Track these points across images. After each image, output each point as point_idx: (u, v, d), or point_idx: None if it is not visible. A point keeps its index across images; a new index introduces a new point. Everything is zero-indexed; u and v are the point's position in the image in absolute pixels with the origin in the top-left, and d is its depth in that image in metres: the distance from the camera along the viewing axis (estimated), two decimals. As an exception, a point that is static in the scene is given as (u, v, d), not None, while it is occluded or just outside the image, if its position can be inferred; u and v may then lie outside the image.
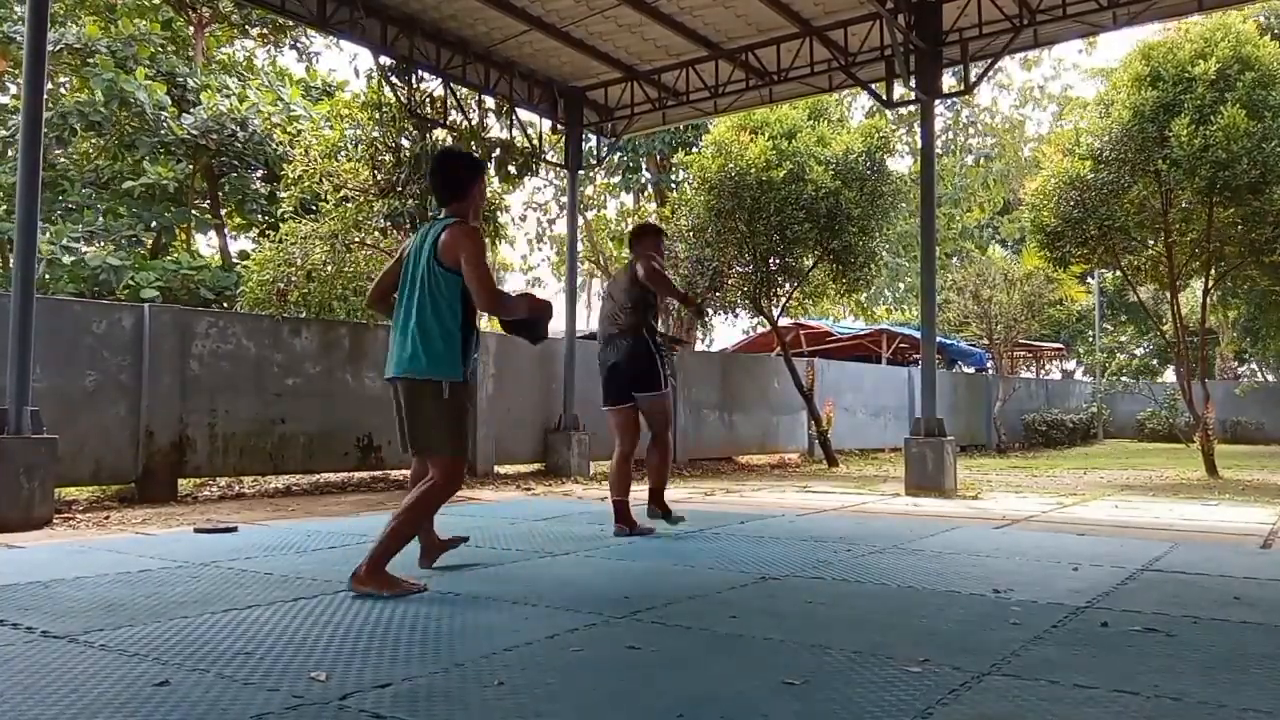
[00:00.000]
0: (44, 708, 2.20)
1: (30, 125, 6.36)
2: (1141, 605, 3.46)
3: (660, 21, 9.61)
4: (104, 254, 12.62)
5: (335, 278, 10.07)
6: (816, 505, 7.61)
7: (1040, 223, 11.98)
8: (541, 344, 5.57)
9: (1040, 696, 2.34)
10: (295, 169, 10.19)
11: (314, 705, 2.25)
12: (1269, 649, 2.83)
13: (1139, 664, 2.65)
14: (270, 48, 20.38)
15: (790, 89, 11.00)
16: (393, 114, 9.63)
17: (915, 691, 2.37)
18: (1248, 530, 5.99)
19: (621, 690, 2.42)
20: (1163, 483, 10.72)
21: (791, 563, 4.45)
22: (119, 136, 14.31)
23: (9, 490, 5.96)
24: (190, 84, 15.19)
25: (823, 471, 12.99)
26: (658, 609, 3.37)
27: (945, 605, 3.47)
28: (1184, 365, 12.47)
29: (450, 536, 4.44)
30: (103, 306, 8.19)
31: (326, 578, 3.97)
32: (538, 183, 22.33)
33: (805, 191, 12.69)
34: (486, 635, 2.96)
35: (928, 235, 9.32)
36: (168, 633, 2.96)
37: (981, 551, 4.86)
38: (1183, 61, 10.91)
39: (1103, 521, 6.45)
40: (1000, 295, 18.92)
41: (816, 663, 2.64)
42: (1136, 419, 24.46)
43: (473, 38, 10.01)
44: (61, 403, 7.33)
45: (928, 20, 9.04)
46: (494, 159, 10.04)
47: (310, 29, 15.67)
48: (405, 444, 3.93)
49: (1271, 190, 10.40)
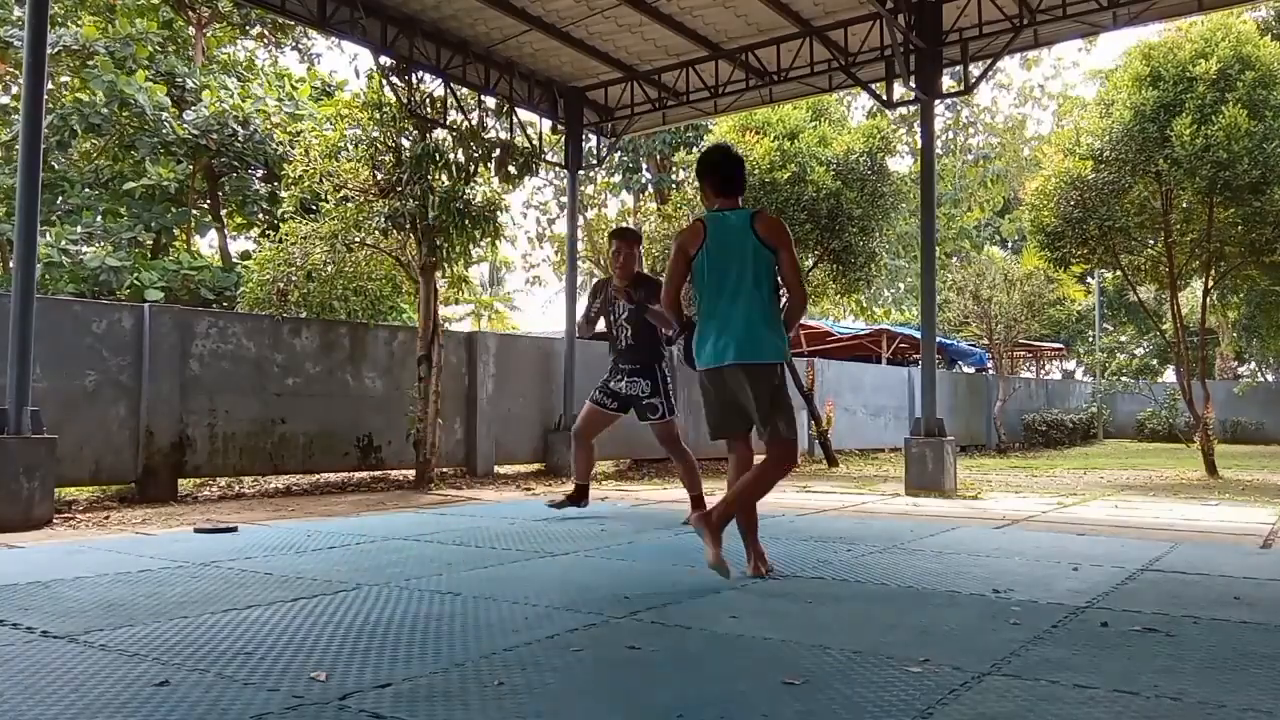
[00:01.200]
0: (44, 707, 2.20)
1: (30, 126, 6.36)
2: (1141, 605, 3.46)
3: (660, 21, 9.61)
4: (103, 254, 12.62)
5: (335, 278, 10.06)
6: (816, 505, 7.61)
7: (1040, 223, 11.98)
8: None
9: (1040, 696, 2.34)
10: (295, 169, 10.19)
11: (314, 705, 2.25)
12: (1269, 649, 2.83)
13: (1139, 664, 2.65)
14: (271, 48, 20.38)
15: (790, 89, 11.00)
16: (393, 114, 9.63)
17: (915, 691, 2.37)
18: (1247, 530, 5.99)
19: (621, 690, 2.42)
20: (1162, 483, 10.72)
21: (791, 563, 4.45)
22: (119, 137, 14.32)
23: (9, 490, 5.96)
24: (189, 84, 15.19)
25: (823, 471, 12.99)
26: (658, 609, 3.37)
27: (945, 605, 3.47)
28: (1184, 365, 12.47)
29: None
30: (103, 306, 8.20)
31: (326, 578, 3.97)
32: (538, 182, 22.33)
33: (807, 192, 12.69)
34: (486, 635, 2.96)
35: (928, 235, 9.32)
36: (168, 632, 2.96)
37: (981, 551, 4.86)
38: (1183, 61, 10.91)
39: (1103, 521, 6.45)
40: (1000, 295, 18.93)
41: (816, 663, 2.64)
42: (1136, 419, 24.48)
43: (473, 38, 10.02)
44: (61, 403, 7.33)
45: (928, 20, 9.04)
46: (494, 159, 10.03)
47: (310, 29, 15.67)
48: (720, 431, 4.09)
49: (1272, 190, 10.40)
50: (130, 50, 14.77)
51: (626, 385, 5.82)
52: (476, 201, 9.65)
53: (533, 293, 59.44)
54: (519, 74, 10.79)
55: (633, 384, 5.79)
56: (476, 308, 30.55)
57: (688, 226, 4.08)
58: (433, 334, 9.51)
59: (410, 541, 5.18)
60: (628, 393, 5.82)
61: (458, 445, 10.52)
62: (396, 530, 5.64)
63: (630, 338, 5.79)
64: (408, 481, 9.58)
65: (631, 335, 5.78)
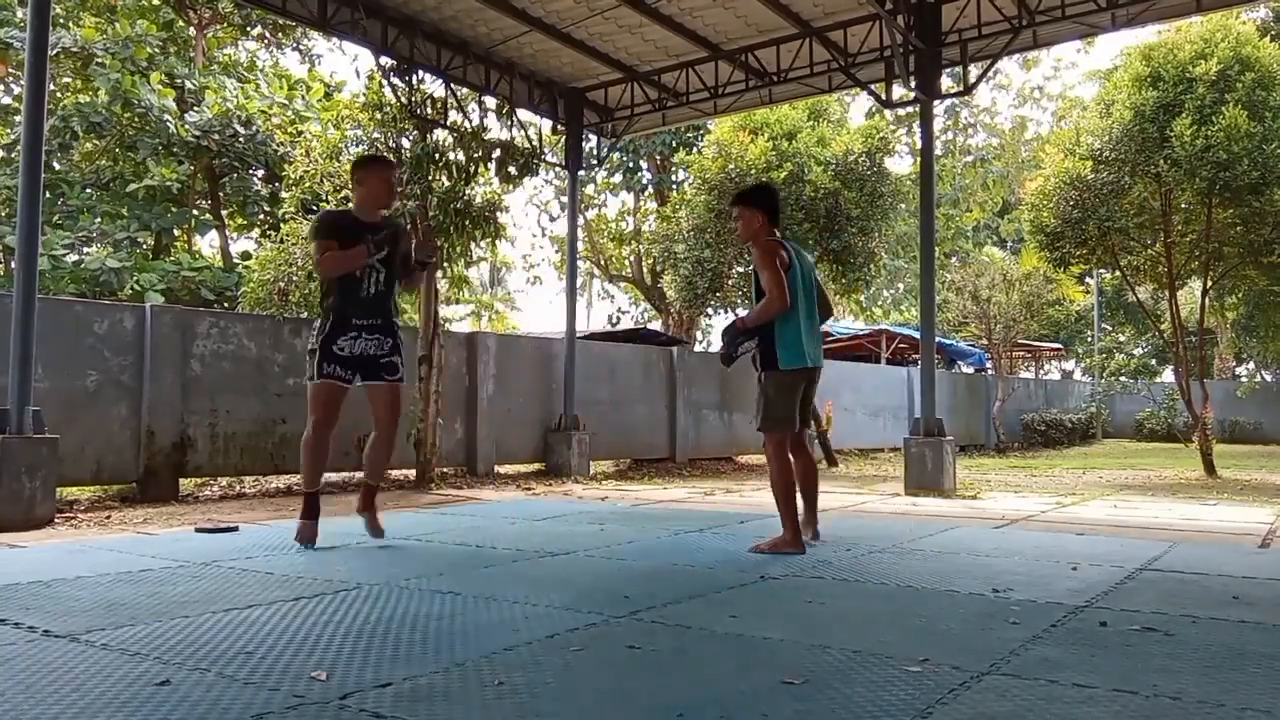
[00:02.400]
0: (45, 707, 2.21)
1: (32, 128, 6.37)
2: (1140, 605, 3.47)
3: (660, 22, 9.62)
4: (103, 255, 12.63)
5: (336, 278, 10.06)
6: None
7: (1040, 223, 11.99)
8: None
9: (1040, 696, 2.35)
10: (297, 169, 10.21)
11: (314, 705, 2.26)
12: (1268, 648, 2.84)
13: (1138, 663, 2.66)
14: (271, 49, 20.38)
15: (790, 90, 11.00)
16: (393, 114, 9.64)
17: (915, 691, 2.37)
18: (1246, 530, 6.00)
19: (621, 690, 2.43)
20: (1161, 482, 10.73)
21: (791, 562, 4.46)
22: (120, 138, 14.33)
23: (11, 490, 5.96)
24: (190, 85, 15.20)
25: (822, 471, 12.91)
26: (658, 609, 3.37)
27: (945, 605, 3.48)
28: (1182, 365, 12.48)
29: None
30: (104, 307, 8.20)
31: (327, 578, 3.98)
32: (538, 182, 22.33)
33: (805, 192, 12.70)
34: (487, 635, 2.97)
35: (927, 235, 9.33)
36: (169, 632, 2.96)
37: (981, 551, 4.87)
38: (1183, 62, 10.92)
39: (1102, 521, 6.45)
40: (999, 295, 18.94)
41: (816, 662, 2.65)
42: (1135, 419, 24.50)
43: (473, 39, 10.02)
44: (63, 403, 7.34)
45: (927, 21, 9.05)
46: (494, 159, 10.04)
47: (311, 30, 15.66)
48: (790, 424, 4.82)
49: (1271, 191, 10.41)
50: (130, 52, 14.78)
51: (364, 343, 4.81)
52: (476, 202, 9.66)
53: (533, 293, 59.49)
54: (519, 74, 10.79)
55: (373, 341, 4.83)
56: (476, 308, 30.58)
57: (774, 241, 4.80)
58: (433, 334, 9.52)
59: (410, 541, 5.20)
60: (365, 352, 4.82)
61: (458, 445, 10.52)
62: (397, 530, 5.65)
63: (382, 283, 4.82)
64: (408, 481, 9.59)
65: (383, 281, 4.83)
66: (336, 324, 4.76)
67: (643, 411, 12.88)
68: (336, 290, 4.76)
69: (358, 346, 4.81)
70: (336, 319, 4.76)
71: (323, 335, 4.77)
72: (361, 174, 4.97)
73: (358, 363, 4.84)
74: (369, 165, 5.12)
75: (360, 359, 4.83)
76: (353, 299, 4.76)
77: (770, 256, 4.66)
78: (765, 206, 4.85)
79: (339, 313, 4.76)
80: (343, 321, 4.76)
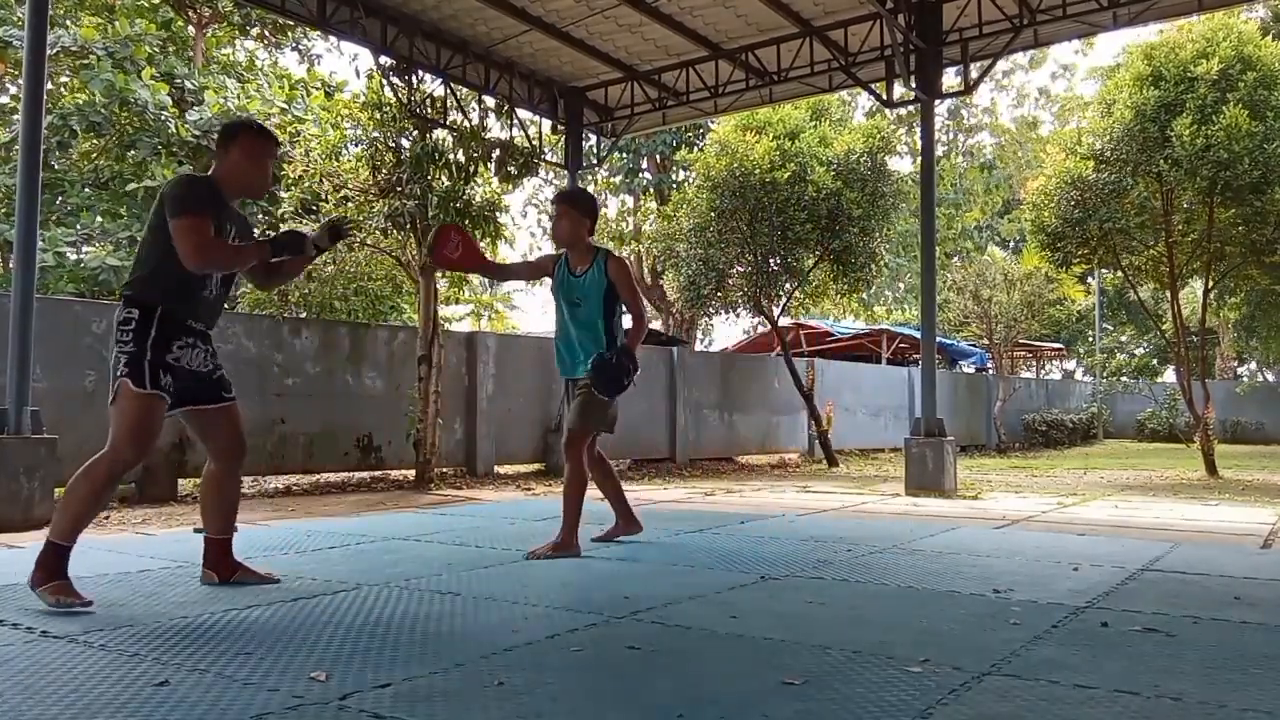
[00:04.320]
0: (44, 708, 2.20)
1: (30, 126, 6.37)
2: (1141, 605, 3.46)
3: (660, 21, 9.62)
4: (103, 254, 12.62)
5: (335, 278, 10.08)
6: (816, 505, 7.61)
7: (1041, 223, 11.98)
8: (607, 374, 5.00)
9: (1040, 696, 2.34)
10: (296, 169, 10.19)
11: (314, 705, 2.25)
12: (1269, 649, 2.83)
13: (1139, 664, 2.65)
14: (271, 49, 20.37)
15: (790, 89, 11.00)
16: (393, 114, 9.63)
17: (915, 691, 2.37)
18: (1247, 530, 5.99)
19: (621, 690, 2.42)
20: (1162, 483, 10.72)
21: (791, 563, 4.45)
22: (119, 137, 14.31)
23: (9, 490, 5.95)
24: (189, 85, 15.19)
25: (823, 471, 12.99)
26: (658, 609, 3.36)
27: (945, 605, 3.47)
28: (1184, 365, 12.47)
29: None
30: (103, 306, 8.19)
31: (326, 577, 3.97)
32: (538, 182, 22.34)
33: (807, 192, 12.70)
34: (487, 635, 2.96)
35: (928, 235, 9.33)
36: (168, 632, 2.96)
37: (981, 551, 4.86)
38: (1184, 61, 10.91)
39: (1103, 521, 6.44)
40: (1000, 295, 18.93)
41: (816, 662, 2.64)
42: (1136, 419, 24.48)
43: (473, 38, 10.02)
44: (62, 403, 7.33)
45: (928, 20, 9.04)
46: (494, 159, 10.03)
47: (310, 29, 15.67)
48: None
49: (1273, 191, 10.40)
50: (129, 51, 14.77)
51: (199, 355, 3.67)
52: (476, 201, 9.65)
53: (533, 293, 59.38)
54: (519, 74, 10.79)
55: (204, 352, 3.69)
56: (476, 308, 30.54)
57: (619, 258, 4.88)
58: (433, 334, 9.51)
59: (410, 541, 5.18)
60: (199, 366, 3.67)
61: (458, 445, 10.52)
62: (396, 530, 5.64)
63: (222, 284, 3.74)
64: (408, 481, 9.58)
65: (224, 283, 3.75)
66: (167, 324, 3.52)
67: (643, 411, 12.87)
68: (175, 280, 3.50)
69: (193, 359, 3.63)
70: (167, 318, 3.52)
71: (151, 336, 3.48)
72: (245, 143, 3.69)
73: (190, 378, 3.63)
74: (256, 134, 3.77)
75: (194, 374, 3.65)
76: (192, 296, 3.58)
77: (630, 274, 4.81)
78: (592, 216, 4.89)
79: (171, 311, 3.53)
80: (176, 322, 3.55)
